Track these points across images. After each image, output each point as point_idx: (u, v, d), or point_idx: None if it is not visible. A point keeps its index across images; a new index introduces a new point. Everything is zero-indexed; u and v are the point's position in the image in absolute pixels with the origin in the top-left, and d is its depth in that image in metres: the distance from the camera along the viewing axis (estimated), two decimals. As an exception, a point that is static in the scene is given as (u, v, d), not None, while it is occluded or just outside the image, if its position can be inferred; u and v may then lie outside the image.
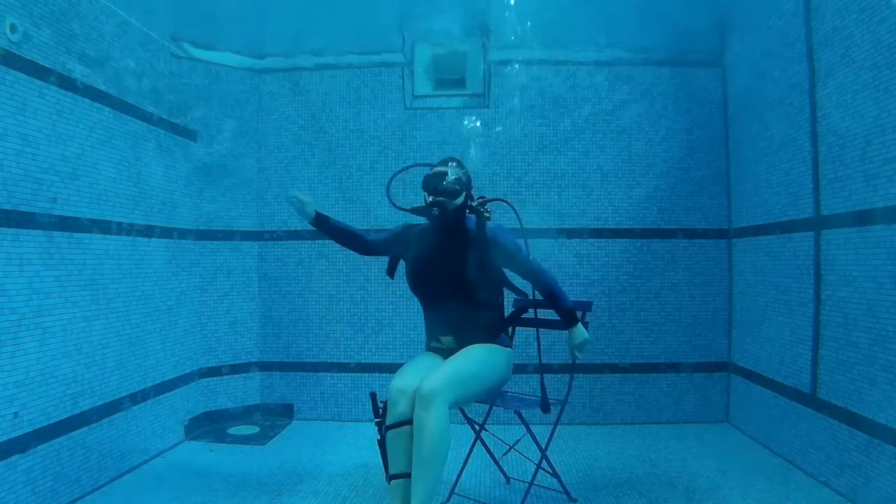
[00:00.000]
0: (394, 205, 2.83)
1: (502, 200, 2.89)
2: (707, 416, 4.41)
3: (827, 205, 3.24)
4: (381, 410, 2.54)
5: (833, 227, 3.18)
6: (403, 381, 2.52)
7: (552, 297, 2.81)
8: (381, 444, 2.50)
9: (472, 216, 2.78)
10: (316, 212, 2.80)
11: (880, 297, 2.80)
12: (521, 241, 2.78)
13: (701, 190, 4.46)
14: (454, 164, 2.77)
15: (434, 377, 2.46)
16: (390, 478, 2.47)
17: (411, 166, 3.00)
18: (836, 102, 3.15)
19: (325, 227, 2.83)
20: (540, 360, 2.92)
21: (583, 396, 4.39)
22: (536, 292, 2.83)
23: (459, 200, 2.72)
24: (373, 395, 2.60)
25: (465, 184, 2.74)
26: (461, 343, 2.72)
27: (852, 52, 3.00)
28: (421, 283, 2.78)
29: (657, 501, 3.03)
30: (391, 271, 2.91)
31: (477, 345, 2.70)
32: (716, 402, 4.43)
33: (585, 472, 3.43)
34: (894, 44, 2.70)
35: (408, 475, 2.42)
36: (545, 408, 2.85)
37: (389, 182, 2.88)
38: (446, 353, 2.75)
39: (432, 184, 2.70)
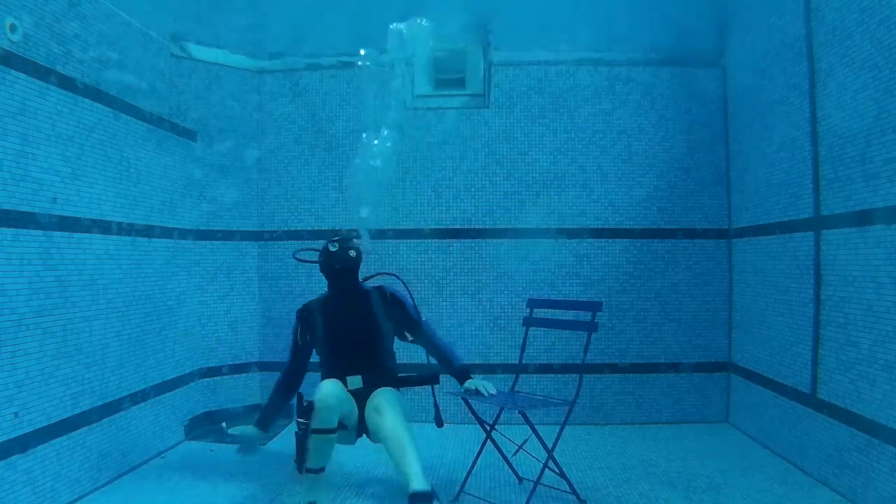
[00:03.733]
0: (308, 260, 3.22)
1: (391, 274, 3.22)
2: (707, 416, 4.41)
3: (827, 205, 3.24)
4: (305, 411, 2.73)
5: (833, 227, 3.18)
6: (334, 402, 2.76)
7: (446, 356, 3.15)
8: (301, 438, 2.73)
9: (367, 283, 3.21)
10: (257, 428, 3.19)
11: (880, 297, 2.80)
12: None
13: (701, 190, 4.46)
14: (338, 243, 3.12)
15: (382, 397, 2.84)
16: (307, 470, 2.75)
17: (309, 249, 3.30)
18: (836, 102, 3.14)
19: (270, 423, 3.24)
20: (428, 362, 3.19)
21: (583, 396, 4.31)
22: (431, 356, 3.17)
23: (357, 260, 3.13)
24: (300, 396, 2.84)
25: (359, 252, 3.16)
26: (368, 387, 2.96)
27: (852, 52, 3.00)
28: (339, 344, 3.05)
29: (657, 501, 3.03)
30: (306, 358, 3.18)
31: (387, 387, 2.99)
32: (716, 402, 4.43)
33: (586, 472, 3.43)
34: (894, 44, 2.70)
35: (323, 469, 2.80)
36: (439, 423, 3.05)
37: (295, 256, 3.37)
38: (355, 394, 2.97)
39: (338, 258, 3.08)
